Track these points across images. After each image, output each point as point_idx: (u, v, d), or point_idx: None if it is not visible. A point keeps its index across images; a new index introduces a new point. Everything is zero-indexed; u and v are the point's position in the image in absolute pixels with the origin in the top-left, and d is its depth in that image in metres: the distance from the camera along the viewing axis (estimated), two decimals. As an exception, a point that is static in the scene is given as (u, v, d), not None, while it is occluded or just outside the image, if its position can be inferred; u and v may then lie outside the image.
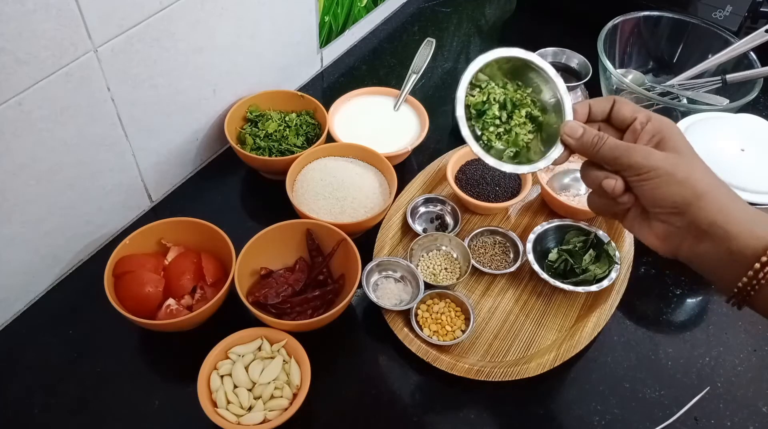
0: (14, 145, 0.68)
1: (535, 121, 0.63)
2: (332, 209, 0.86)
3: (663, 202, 0.53)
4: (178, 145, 0.92)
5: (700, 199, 0.51)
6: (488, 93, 0.63)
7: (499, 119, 0.62)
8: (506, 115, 0.62)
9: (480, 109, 0.62)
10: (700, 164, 0.54)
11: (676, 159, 0.53)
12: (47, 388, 0.74)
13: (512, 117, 0.62)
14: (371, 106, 1.03)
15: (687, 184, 0.52)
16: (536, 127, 0.63)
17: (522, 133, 0.62)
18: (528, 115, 0.63)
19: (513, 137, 0.62)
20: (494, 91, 0.63)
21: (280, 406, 0.69)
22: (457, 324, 0.79)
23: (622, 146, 0.55)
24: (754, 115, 0.87)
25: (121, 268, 0.77)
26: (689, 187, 0.52)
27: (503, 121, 0.62)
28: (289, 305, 0.78)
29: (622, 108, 0.57)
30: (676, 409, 0.74)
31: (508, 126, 0.62)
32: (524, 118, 0.62)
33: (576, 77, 1.02)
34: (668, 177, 0.52)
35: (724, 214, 0.51)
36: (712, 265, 0.53)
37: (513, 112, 0.63)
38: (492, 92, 0.63)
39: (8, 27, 0.61)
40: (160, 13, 0.76)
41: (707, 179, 0.53)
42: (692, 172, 0.52)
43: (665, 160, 0.53)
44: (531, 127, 0.62)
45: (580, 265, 0.83)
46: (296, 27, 1.04)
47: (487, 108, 0.62)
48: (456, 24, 1.29)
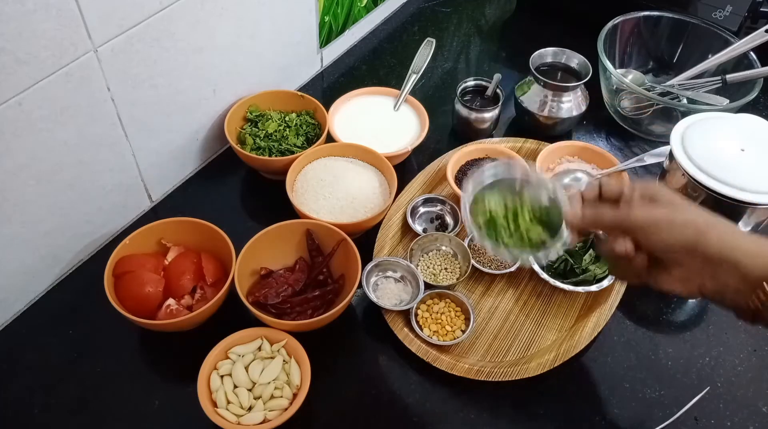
0: (14, 145, 0.68)
1: (539, 219, 0.68)
2: (332, 209, 0.86)
3: (673, 246, 0.57)
4: (178, 145, 0.92)
5: (704, 234, 0.56)
6: (489, 211, 0.68)
7: (508, 228, 0.67)
8: (513, 223, 0.67)
9: (488, 224, 0.68)
10: (695, 208, 0.59)
11: (671, 208, 0.58)
12: (47, 388, 0.74)
13: (518, 223, 0.67)
14: (371, 106, 1.03)
15: (688, 225, 0.57)
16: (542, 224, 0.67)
17: (533, 232, 0.67)
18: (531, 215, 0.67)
19: (526, 239, 0.67)
20: (494, 207, 0.68)
21: (280, 406, 0.69)
22: (457, 324, 0.79)
23: (622, 210, 0.60)
24: (754, 115, 0.87)
25: (121, 268, 0.77)
26: (692, 227, 0.56)
27: (513, 230, 0.67)
28: (289, 305, 0.78)
29: (608, 185, 0.63)
30: (676, 409, 0.74)
31: (519, 231, 0.67)
32: (529, 221, 0.67)
33: (576, 77, 1.02)
34: (670, 224, 0.57)
35: (729, 243, 0.56)
36: (733, 294, 0.56)
37: (517, 218, 0.67)
38: (492, 208, 0.68)
39: (8, 27, 0.61)
40: (160, 13, 0.76)
41: (705, 217, 0.58)
42: (690, 215, 0.57)
43: (663, 212, 0.58)
44: (540, 228, 0.67)
45: (580, 265, 0.83)
46: (296, 27, 1.04)
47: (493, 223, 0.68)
48: (456, 24, 1.29)
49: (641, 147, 1.04)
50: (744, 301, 0.56)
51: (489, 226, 0.68)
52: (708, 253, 0.56)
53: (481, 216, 0.68)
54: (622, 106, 1.05)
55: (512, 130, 1.07)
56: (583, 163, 0.97)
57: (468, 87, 1.04)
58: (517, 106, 1.05)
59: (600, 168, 0.95)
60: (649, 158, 0.92)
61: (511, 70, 1.18)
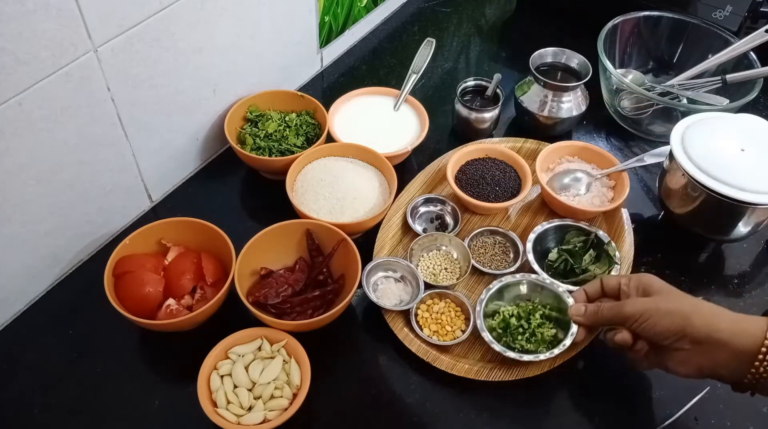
0: (14, 145, 0.68)
1: (551, 318, 0.77)
2: (332, 209, 0.86)
3: (664, 334, 0.64)
4: (178, 145, 0.92)
5: (688, 320, 0.62)
6: (502, 314, 0.77)
7: (521, 328, 0.76)
8: (525, 323, 0.76)
9: (503, 327, 0.76)
10: (681, 295, 0.66)
11: (658, 299, 0.66)
12: (47, 388, 0.74)
13: (530, 322, 0.76)
14: (371, 106, 1.03)
15: (674, 312, 0.64)
16: (554, 322, 0.77)
17: (545, 331, 0.75)
18: (543, 315, 0.77)
19: (539, 337, 0.75)
20: (506, 311, 0.77)
21: (280, 406, 0.69)
22: (457, 324, 0.79)
23: (616, 305, 0.69)
24: (754, 115, 0.87)
25: (121, 268, 0.77)
26: (677, 314, 0.63)
27: (526, 328, 0.75)
28: (289, 305, 0.78)
29: (608, 281, 0.73)
30: (676, 409, 0.74)
31: (531, 330, 0.75)
32: (540, 319, 0.76)
33: (576, 77, 1.02)
34: (657, 313, 0.64)
35: (712, 325, 0.62)
36: (729, 369, 0.62)
37: (530, 318, 0.76)
38: (505, 312, 0.77)
39: (8, 27, 0.61)
40: (160, 13, 0.76)
41: (689, 303, 0.64)
42: (675, 304, 0.65)
43: (650, 303, 0.66)
44: (550, 325, 0.76)
45: (580, 265, 0.83)
46: (296, 27, 1.04)
47: (506, 325, 0.76)
48: (456, 24, 1.29)
49: (641, 147, 1.04)
50: (739, 377, 0.61)
51: (504, 330, 0.76)
52: (695, 336, 0.62)
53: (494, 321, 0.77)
54: (622, 106, 1.05)
55: (512, 130, 1.07)
56: (583, 163, 0.97)
57: (468, 87, 1.04)
58: (517, 106, 1.05)
59: (600, 168, 0.95)
60: (649, 158, 0.92)
61: (511, 70, 1.18)
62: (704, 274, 0.88)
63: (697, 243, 0.92)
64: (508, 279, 0.80)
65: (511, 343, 0.75)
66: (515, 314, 0.77)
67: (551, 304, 0.78)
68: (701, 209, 0.82)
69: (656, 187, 0.91)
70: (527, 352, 0.74)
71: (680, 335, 0.63)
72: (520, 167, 0.94)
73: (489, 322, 0.77)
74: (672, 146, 0.83)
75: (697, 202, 0.82)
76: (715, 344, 0.61)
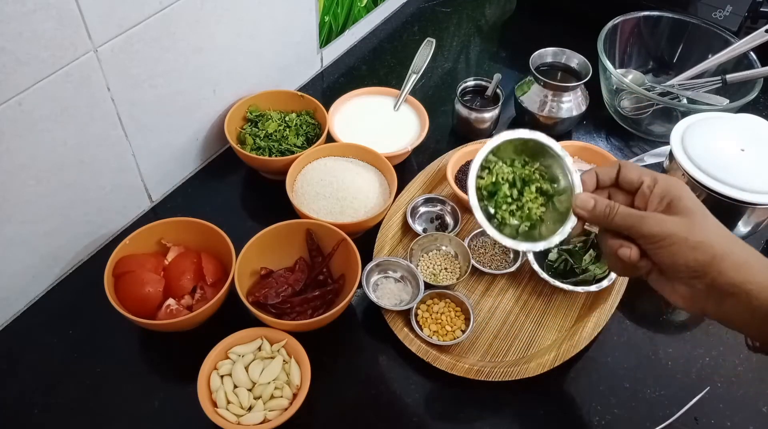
0: (14, 145, 0.68)
1: (546, 194, 0.64)
2: (332, 209, 0.86)
3: (681, 267, 0.53)
4: (178, 145, 0.92)
5: (717, 261, 0.52)
6: (496, 173, 0.64)
7: (510, 197, 0.64)
8: (517, 192, 0.64)
9: (491, 190, 0.64)
10: (713, 223, 0.54)
11: (688, 223, 0.53)
12: (47, 388, 0.74)
13: (523, 193, 0.64)
14: (371, 106, 1.03)
15: (703, 247, 0.52)
16: (548, 200, 0.64)
17: (534, 207, 0.63)
18: (538, 189, 0.64)
19: (526, 213, 0.63)
20: (502, 171, 0.64)
21: (280, 406, 0.69)
22: (457, 324, 0.79)
23: (634, 215, 0.55)
24: (754, 115, 0.87)
25: (121, 268, 0.77)
26: (705, 251, 0.52)
27: (515, 199, 0.64)
28: (289, 305, 0.78)
29: (628, 173, 0.57)
30: (676, 409, 0.74)
31: (520, 202, 0.63)
32: (535, 193, 0.64)
33: (576, 77, 1.02)
34: (683, 243, 0.52)
35: (743, 274, 0.51)
36: (738, 321, 0.54)
37: (523, 189, 0.64)
38: (500, 172, 0.64)
39: (8, 27, 0.61)
40: (160, 13, 0.76)
41: (722, 240, 0.53)
42: (707, 235, 0.52)
43: (678, 226, 0.53)
44: (542, 201, 0.64)
45: (580, 265, 0.83)
46: (296, 27, 1.04)
47: (497, 188, 0.64)
48: (456, 24, 1.29)
49: (641, 147, 1.04)
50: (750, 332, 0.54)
51: (490, 196, 0.64)
52: (718, 281, 0.52)
53: (487, 178, 0.64)
54: (622, 106, 1.05)
55: (512, 130, 1.07)
56: (583, 163, 0.97)
57: (468, 87, 1.04)
58: (517, 106, 1.05)
59: (600, 168, 0.95)
60: (649, 158, 0.92)
61: (511, 70, 1.18)
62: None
63: (697, 243, 0.92)
64: (519, 133, 0.64)
65: (491, 209, 0.64)
66: (510, 180, 0.64)
67: (551, 176, 0.64)
68: (701, 209, 0.82)
69: (656, 187, 0.91)
70: (503, 225, 0.63)
71: (698, 276, 0.52)
72: (520, 167, 0.94)
73: (478, 180, 0.64)
74: (672, 146, 0.83)
75: (697, 202, 0.82)
76: (736, 295, 0.52)
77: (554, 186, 0.63)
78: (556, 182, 0.63)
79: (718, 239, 0.52)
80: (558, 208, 0.63)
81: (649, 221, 0.54)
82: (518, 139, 0.63)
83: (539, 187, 0.64)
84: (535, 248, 0.62)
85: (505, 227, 0.63)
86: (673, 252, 0.53)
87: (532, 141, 0.63)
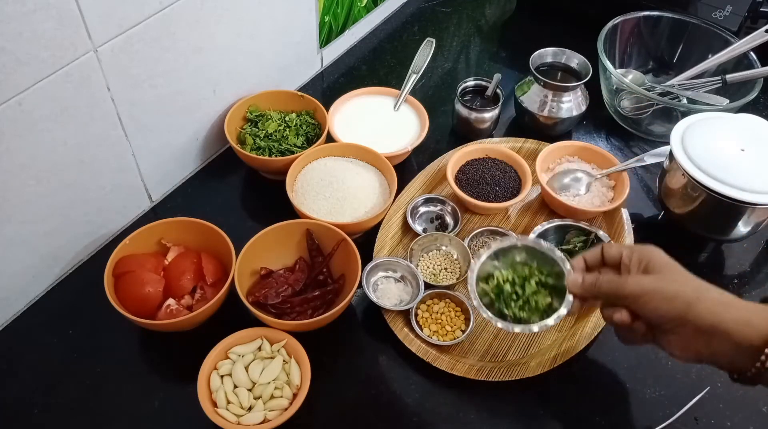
0: (14, 145, 0.68)
1: (547, 286, 0.71)
2: (332, 209, 0.86)
3: (664, 318, 0.60)
4: (178, 145, 0.92)
5: (693, 306, 0.58)
6: (497, 278, 0.72)
7: (515, 294, 0.71)
8: (520, 289, 0.71)
9: (497, 292, 0.72)
10: (683, 276, 0.61)
11: (661, 278, 0.61)
12: (47, 388, 0.74)
13: (525, 289, 0.71)
14: (371, 106, 1.03)
15: (678, 296, 0.59)
16: (550, 290, 0.71)
17: (539, 299, 0.70)
18: (538, 282, 0.71)
19: (533, 305, 0.70)
20: (501, 276, 0.72)
21: (280, 406, 0.69)
22: (457, 324, 0.79)
23: (616, 280, 0.63)
24: (754, 115, 0.87)
25: (121, 268, 0.77)
26: (680, 299, 0.59)
27: (519, 295, 0.71)
28: (289, 305, 0.78)
29: (609, 250, 0.66)
30: (676, 409, 0.74)
31: (525, 297, 0.71)
32: (536, 287, 0.71)
33: (576, 77, 1.02)
34: (659, 296, 0.60)
35: (719, 315, 0.58)
36: (729, 359, 0.59)
37: (525, 285, 0.71)
38: (500, 276, 0.72)
39: (8, 27, 0.61)
40: (160, 13, 0.76)
41: (692, 286, 0.60)
42: (679, 286, 0.60)
43: (653, 282, 0.61)
44: (545, 292, 0.71)
45: (580, 265, 0.83)
46: (296, 27, 1.04)
47: (500, 291, 0.72)
48: (456, 24, 1.29)
49: (641, 147, 1.04)
50: (740, 369, 0.59)
51: (498, 296, 0.72)
52: (698, 324, 0.58)
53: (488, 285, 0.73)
54: (622, 106, 1.05)
55: (512, 130, 1.07)
56: (583, 163, 0.97)
57: (468, 87, 1.04)
58: (517, 106, 1.05)
59: (600, 168, 0.95)
60: (649, 158, 0.92)
61: (511, 70, 1.18)
62: (704, 274, 0.86)
63: (697, 243, 0.92)
64: (505, 243, 0.74)
65: (503, 309, 0.71)
66: (510, 280, 0.72)
67: (548, 270, 0.72)
68: (701, 209, 0.82)
69: (656, 187, 0.91)
70: (519, 321, 0.70)
71: (682, 321, 0.59)
72: (520, 167, 0.94)
73: (482, 286, 0.73)
74: (672, 146, 0.83)
75: (697, 202, 0.82)
76: (718, 335, 0.58)
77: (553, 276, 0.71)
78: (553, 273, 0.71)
79: (690, 288, 0.60)
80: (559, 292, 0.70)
81: (629, 282, 0.62)
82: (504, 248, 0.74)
83: (539, 281, 0.71)
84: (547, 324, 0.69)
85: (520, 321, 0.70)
86: (654, 307, 0.60)
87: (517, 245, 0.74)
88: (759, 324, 0.57)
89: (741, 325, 0.57)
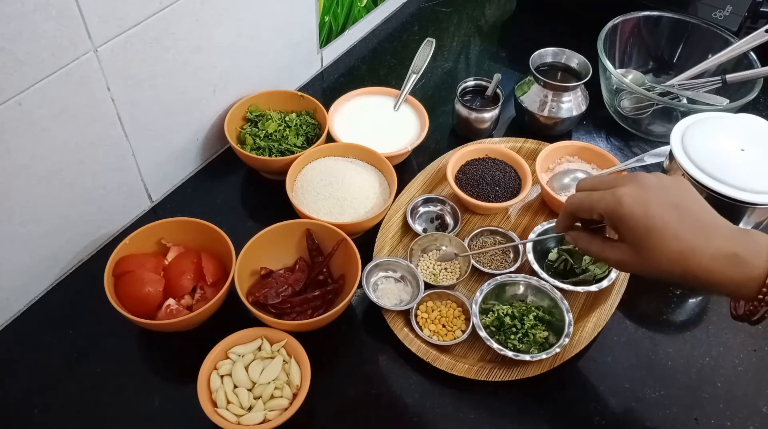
0: (14, 145, 0.68)
1: (543, 321, 0.78)
2: (332, 209, 0.86)
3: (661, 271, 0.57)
4: (178, 145, 0.92)
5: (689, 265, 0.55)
6: (497, 311, 0.78)
7: (514, 327, 0.77)
8: (519, 324, 0.77)
9: (497, 325, 0.78)
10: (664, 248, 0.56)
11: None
12: (47, 388, 0.74)
13: (524, 323, 0.77)
14: (371, 106, 1.03)
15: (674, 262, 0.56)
16: (547, 325, 0.78)
17: (537, 332, 0.76)
18: (536, 317, 0.77)
19: (531, 338, 0.76)
20: (501, 309, 0.78)
21: (280, 406, 0.69)
22: (457, 324, 0.79)
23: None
24: (754, 115, 0.87)
25: (121, 268, 0.77)
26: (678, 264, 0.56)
27: (519, 328, 0.76)
28: (289, 305, 0.78)
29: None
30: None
31: (524, 331, 0.76)
32: (533, 321, 0.77)
33: (576, 77, 1.02)
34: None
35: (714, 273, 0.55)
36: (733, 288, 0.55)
37: (523, 319, 0.77)
38: (499, 310, 0.78)
39: (8, 27, 0.61)
40: (160, 13, 0.76)
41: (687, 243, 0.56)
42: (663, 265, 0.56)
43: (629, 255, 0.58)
44: (542, 327, 0.77)
45: (580, 265, 0.83)
46: (296, 27, 1.04)
47: (500, 324, 0.77)
48: (456, 24, 1.29)
49: (641, 147, 1.04)
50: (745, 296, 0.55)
51: (498, 329, 0.77)
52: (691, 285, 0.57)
53: (490, 316, 0.78)
54: (622, 106, 1.05)
55: (512, 130, 1.07)
56: (583, 163, 0.97)
57: (468, 87, 1.04)
58: (517, 106, 1.05)
59: (600, 168, 0.95)
60: (649, 158, 0.92)
61: (511, 70, 1.18)
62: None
63: (697, 243, 0.92)
64: (506, 279, 0.81)
65: (503, 341, 0.76)
66: (509, 313, 0.77)
67: (546, 307, 0.79)
68: (701, 209, 0.82)
69: (656, 187, 0.91)
70: (520, 351, 0.75)
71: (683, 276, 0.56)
72: (520, 167, 0.94)
73: (483, 319, 0.78)
74: (672, 146, 0.83)
75: (697, 202, 0.82)
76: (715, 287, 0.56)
77: (549, 313, 0.78)
78: (548, 309, 0.79)
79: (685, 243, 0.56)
80: (555, 327, 0.77)
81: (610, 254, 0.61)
82: (497, 285, 0.81)
83: (537, 315, 0.77)
84: (525, 357, 0.74)
85: (520, 352, 0.75)
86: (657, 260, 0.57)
87: (512, 286, 0.82)
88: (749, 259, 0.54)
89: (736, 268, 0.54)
